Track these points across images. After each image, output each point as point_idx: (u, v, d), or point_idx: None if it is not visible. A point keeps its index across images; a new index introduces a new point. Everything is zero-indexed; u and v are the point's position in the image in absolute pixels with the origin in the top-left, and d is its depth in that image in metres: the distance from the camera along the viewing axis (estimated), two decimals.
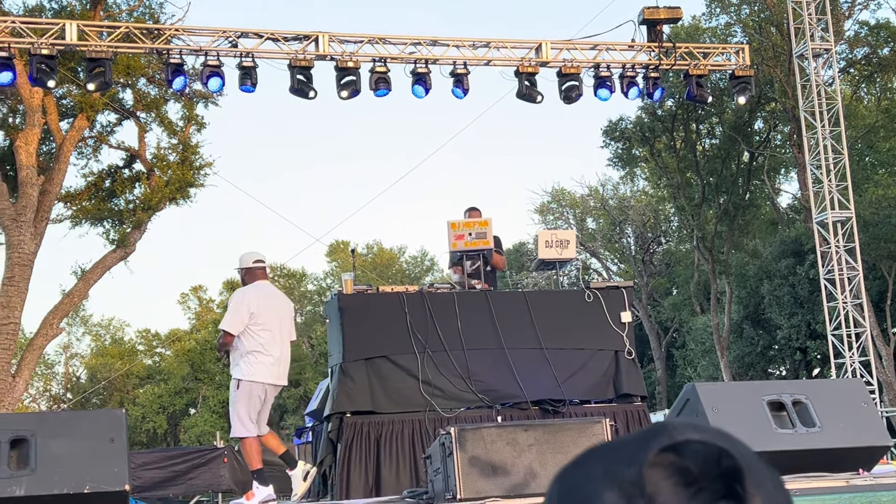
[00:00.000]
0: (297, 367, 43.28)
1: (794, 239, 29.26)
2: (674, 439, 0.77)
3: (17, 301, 18.54)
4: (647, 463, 0.76)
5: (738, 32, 29.89)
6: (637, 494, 0.75)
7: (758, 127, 32.87)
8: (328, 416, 9.04)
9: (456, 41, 12.84)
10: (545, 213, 43.30)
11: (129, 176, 22.01)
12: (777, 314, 29.28)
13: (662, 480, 0.76)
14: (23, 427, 4.33)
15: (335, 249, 50.10)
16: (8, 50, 11.35)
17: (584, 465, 0.81)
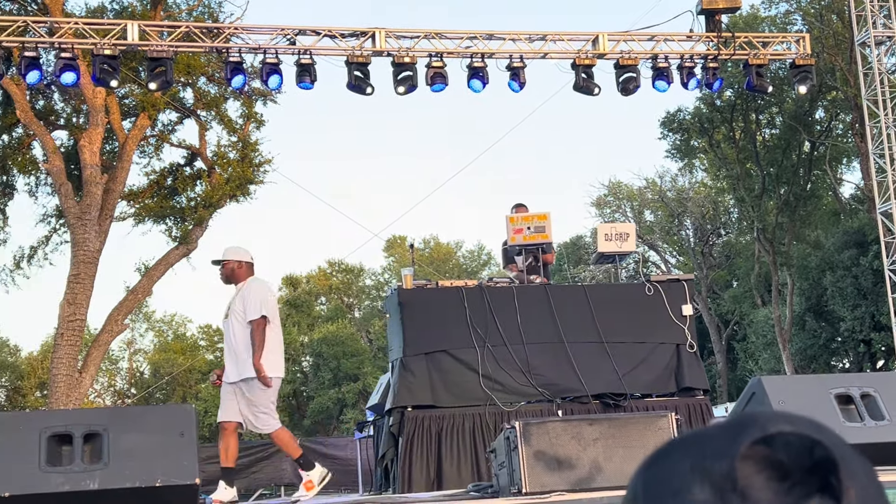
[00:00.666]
0: (356, 362, 43.54)
1: (857, 229, 28.78)
2: (766, 431, 0.75)
3: (82, 298, 18.86)
4: (739, 456, 0.74)
5: (798, 21, 29.45)
6: (729, 489, 0.73)
7: (819, 116, 32.35)
8: (389, 411, 9.10)
9: (512, 35, 12.81)
10: (602, 206, 43.06)
11: (190, 174, 22.30)
12: (840, 306, 28.83)
13: (755, 474, 0.73)
14: (95, 422, 4.43)
15: (392, 244, 50.28)
16: (71, 51, 11.54)
17: (671, 458, 0.79)
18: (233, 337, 7.72)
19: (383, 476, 9.38)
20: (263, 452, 17.74)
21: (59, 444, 4.36)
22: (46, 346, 44.99)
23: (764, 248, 32.56)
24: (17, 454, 4.28)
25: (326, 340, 44.40)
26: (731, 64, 18.83)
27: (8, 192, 22.48)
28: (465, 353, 9.15)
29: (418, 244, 52.61)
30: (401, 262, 47.59)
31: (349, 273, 52.88)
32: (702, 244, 41.25)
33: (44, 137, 19.78)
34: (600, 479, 4.95)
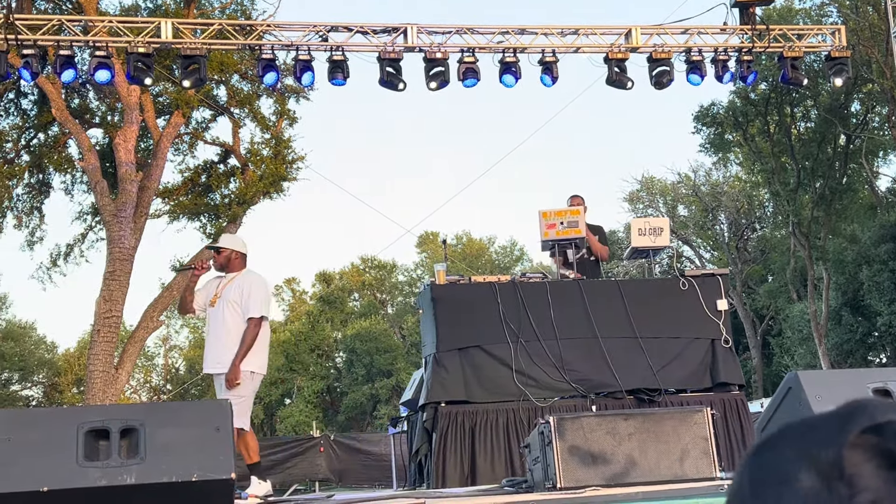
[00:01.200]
0: (389, 358, 43.65)
1: (894, 223, 28.47)
2: (875, 420, 0.74)
3: (118, 295, 19.03)
4: (847, 444, 0.73)
5: (833, 13, 29.15)
6: (836, 476, 0.72)
7: (855, 109, 32.00)
8: (423, 406, 9.11)
9: (544, 29, 12.78)
10: (635, 201, 42.86)
11: (224, 171, 22.44)
12: (877, 300, 28.54)
13: (864, 462, 0.72)
14: (132, 417, 4.46)
15: (425, 240, 50.33)
16: (106, 49, 11.63)
17: (778, 446, 0.78)
18: (222, 325, 7.56)
19: (417, 471, 9.39)
20: (298, 448, 17.82)
21: (97, 439, 4.39)
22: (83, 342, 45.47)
23: (799, 243, 32.28)
24: (55, 449, 4.32)
25: (360, 336, 44.55)
26: (765, 57, 18.68)
27: (44, 190, 22.73)
28: (498, 349, 9.15)
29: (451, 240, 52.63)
30: (433, 258, 47.63)
31: (382, 269, 53.01)
32: (736, 239, 40.96)
33: (79, 136, 19.96)
34: (635, 475, 4.93)
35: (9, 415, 4.44)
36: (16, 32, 11.12)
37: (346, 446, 18.06)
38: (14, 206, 22.38)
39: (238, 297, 7.59)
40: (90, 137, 20.73)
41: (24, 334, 47.06)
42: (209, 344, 7.73)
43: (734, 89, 30.28)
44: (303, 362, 45.97)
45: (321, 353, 47.36)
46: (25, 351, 46.28)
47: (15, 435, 4.32)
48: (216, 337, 7.62)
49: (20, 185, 22.32)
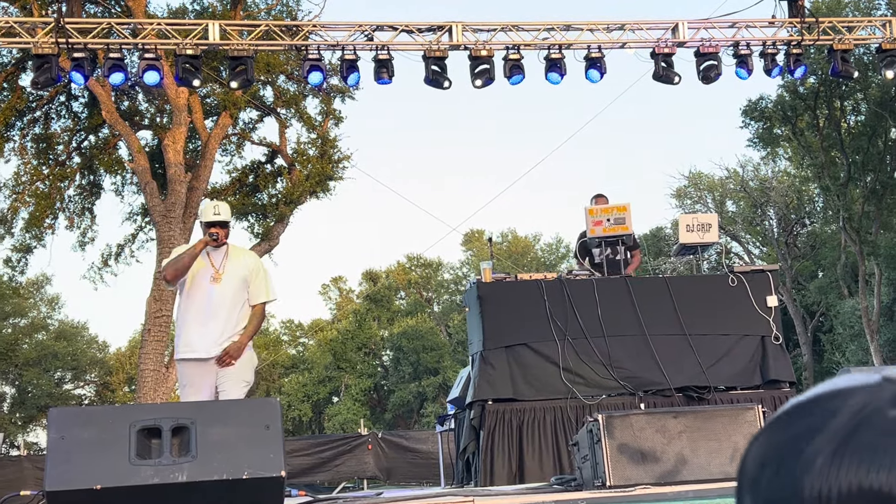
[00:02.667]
0: (436, 356, 43.71)
1: None
2: None
3: (168, 294, 19.22)
4: None
5: (883, 5, 28.71)
6: None
7: None
8: (470, 404, 9.11)
9: (590, 25, 12.71)
10: (683, 197, 42.53)
11: (271, 171, 22.61)
12: None
13: None
14: (183, 415, 4.51)
15: (470, 238, 50.33)
16: (154, 51, 11.76)
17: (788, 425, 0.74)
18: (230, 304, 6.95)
19: (465, 469, 9.40)
20: (346, 446, 17.91)
21: (149, 437, 4.45)
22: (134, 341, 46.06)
23: (850, 238, 31.86)
24: (108, 447, 4.38)
25: (406, 335, 44.68)
26: (814, 50, 18.45)
27: (95, 191, 23.04)
28: (545, 347, 9.12)
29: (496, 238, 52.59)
30: (479, 256, 47.61)
31: (428, 267, 53.09)
32: (786, 234, 40.50)
33: (129, 137, 20.20)
34: (686, 473, 4.89)
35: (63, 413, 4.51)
36: (66, 36, 11.28)
37: (393, 444, 18.12)
38: (66, 208, 22.72)
39: (242, 276, 7.04)
40: (140, 139, 20.98)
41: (76, 334, 47.72)
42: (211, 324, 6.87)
43: (783, 83, 29.96)
44: (350, 360, 46.18)
45: (368, 352, 47.56)
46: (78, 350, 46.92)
47: (69, 433, 4.38)
48: (212, 315, 6.90)
49: (72, 187, 22.65)
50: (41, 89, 14.66)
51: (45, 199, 21.81)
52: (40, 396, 43.27)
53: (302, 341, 53.10)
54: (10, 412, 44.38)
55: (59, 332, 46.29)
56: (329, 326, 49.91)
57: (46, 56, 11.31)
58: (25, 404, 43.48)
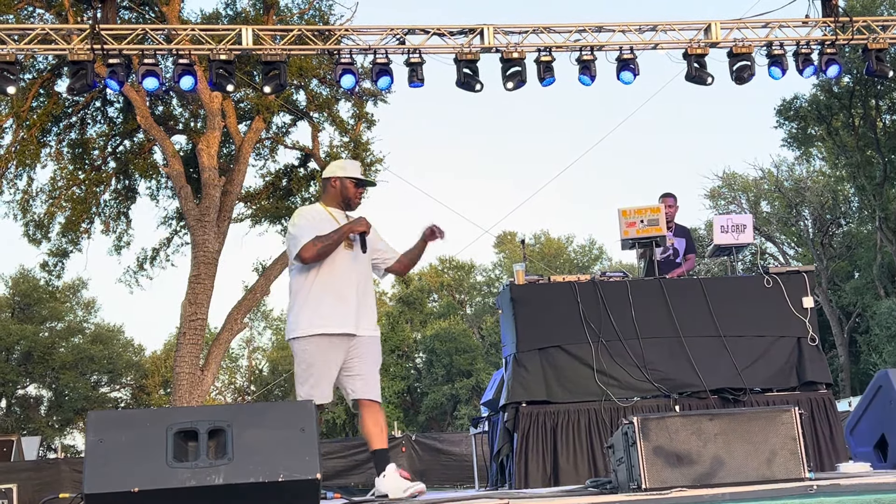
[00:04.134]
0: (469, 358, 43.71)
1: None
2: None
3: (203, 298, 19.38)
4: None
5: None
6: None
7: None
8: (504, 406, 9.10)
9: (622, 26, 12.68)
10: (717, 197, 42.30)
11: (304, 175, 22.73)
12: None
13: None
14: (219, 418, 4.54)
15: (503, 240, 50.32)
16: (189, 57, 11.84)
17: None
18: (370, 279, 6.47)
19: (499, 472, 9.39)
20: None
21: (185, 439, 4.48)
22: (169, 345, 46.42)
23: (887, 238, 31.54)
24: (145, 450, 4.42)
25: (439, 337, 44.71)
26: (848, 49, 18.29)
27: (131, 195, 23.25)
28: (578, 349, 9.09)
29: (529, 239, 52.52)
30: (511, 258, 47.59)
31: (460, 269, 53.13)
32: (821, 235, 40.17)
33: (163, 142, 20.37)
34: (722, 475, 4.86)
35: (100, 416, 4.55)
36: (101, 42, 11.39)
37: (427, 446, 18.13)
38: (102, 212, 22.94)
39: (381, 248, 6.63)
40: (174, 143, 21.15)
41: (112, 337, 48.17)
42: (361, 301, 6.34)
43: (817, 83, 29.76)
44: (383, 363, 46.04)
45: (401, 354, 47.65)
46: (114, 353, 47.36)
47: (106, 436, 4.42)
48: (365, 293, 6.39)
49: (107, 192, 22.88)
50: (77, 95, 14.81)
51: (80, 203, 22.03)
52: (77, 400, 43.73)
53: None
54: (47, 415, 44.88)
55: (95, 336, 46.75)
56: None
57: (82, 62, 11.42)
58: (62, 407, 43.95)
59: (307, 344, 6.13)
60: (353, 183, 6.45)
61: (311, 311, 6.15)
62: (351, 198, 6.43)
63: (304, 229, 6.18)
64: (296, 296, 6.26)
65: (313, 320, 6.13)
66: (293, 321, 6.22)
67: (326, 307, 6.14)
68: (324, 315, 6.13)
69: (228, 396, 51.83)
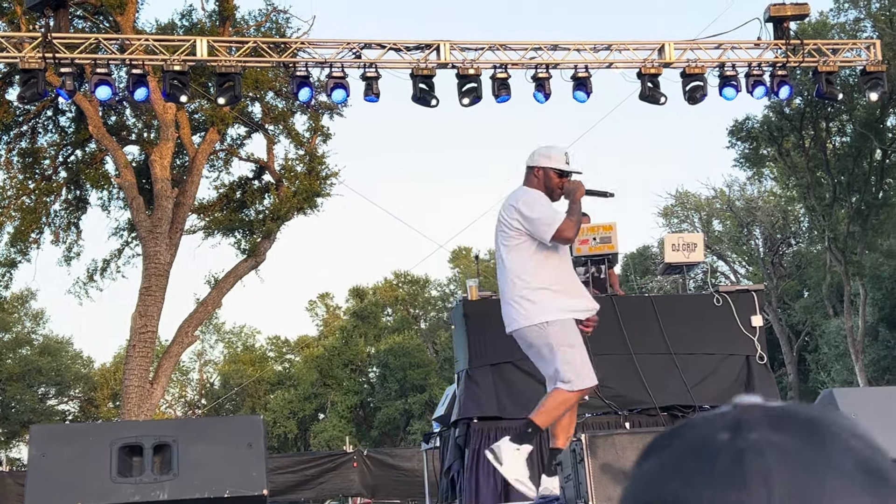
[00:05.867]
0: (422, 373, 43.66)
1: None
2: None
3: (153, 310, 19.19)
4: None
5: (868, 27, 28.95)
6: None
7: (891, 123, 31.72)
8: (455, 422, 9.10)
9: (577, 45, 12.77)
10: (669, 216, 42.68)
11: (258, 187, 22.61)
12: None
13: None
14: (164, 433, 4.50)
15: (458, 255, 50.36)
16: (142, 67, 11.75)
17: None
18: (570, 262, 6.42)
19: (449, 487, 9.38)
20: (331, 463, 17.84)
21: (130, 454, 4.44)
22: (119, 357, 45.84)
23: (835, 258, 32.00)
24: (89, 465, 4.37)
25: (393, 351, 44.61)
26: (800, 71, 18.57)
27: (81, 206, 22.98)
28: (530, 365, 9.06)
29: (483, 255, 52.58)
30: (466, 274, 47.62)
31: (415, 284, 53.07)
32: (771, 254, 40.67)
33: (116, 152, 20.17)
34: None
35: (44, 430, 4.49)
36: (53, 51, 11.27)
37: (378, 461, 18.05)
38: (52, 222, 22.64)
39: None
40: (126, 154, 20.95)
41: (60, 349, 47.51)
42: (574, 276, 6.39)
43: (769, 104, 30.13)
44: (336, 377, 46.08)
45: (354, 368, 47.47)
46: (62, 366, 46.71)
47: (49, 450, 4.36)
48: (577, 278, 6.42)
49: (58, 202, 22.59)
50: (28, 104, 14.65)
51: (30, 213, 21.74)
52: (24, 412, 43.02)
53: (288, 358, 52.97)
54: None
55: (43, 347, 46.08)
56: (315, 343, 49.80)
57: (33, 71, 11.29)
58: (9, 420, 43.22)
59: (568, 325, 6.09)
60: (556, 173, 6.28)
61: (557, 294, 6.07)
62: (553, 188, 6.24)
63: (549, 208, 6.08)
64: (531, 278, 6.10)
65: (566, 303, 6.08)
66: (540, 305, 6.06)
67: (576, 288, 6.18)
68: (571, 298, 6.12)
69: (178, 410, 51.30)
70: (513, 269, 6.11)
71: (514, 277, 6.09)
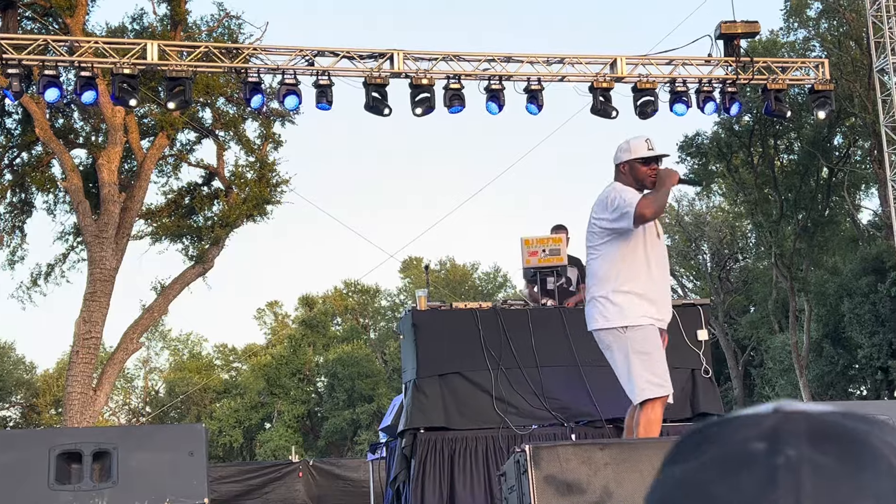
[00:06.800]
0: (371, 383, 43.50)
1: (875, 256, 28.62)
2: None
3: (98, 316, 18.93)
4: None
5: (817, 47, 29.44)
6: None
7: (837, 142, 32.29)
8: (402, 432, 9.06)
9: (530, 57, 12.83)
10: None
11: (207, 193, 22.41)
12: (858, 333, 28.65)
13: None
14: (105, 440, 4.42)
15: (408, 266, 50.30)
16: (91, 70, 11.62)
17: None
18: (666, 267, 6.15)
19: (395, 498, 9.32)
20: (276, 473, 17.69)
21: (69, 462, 4.35)
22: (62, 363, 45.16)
23: (782, 274, 32.42)
24: (27, 472, 4.28)
25: (341, 361, 44.41)
26: (749, 89, 18.81)
27: (26, 209, 22.63)
28: (478, 376, 9.10)
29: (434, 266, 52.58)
30: (416, 284, 47.61)
31: (365, 294, 52.93)
32: (719, 269, 41.11)
33: (63, 156, 19.90)
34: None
35: None
36: (0, 51, 11.10)
37: (324, 472, 17.92)
38: None
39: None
40: (74, 157, 20.69)
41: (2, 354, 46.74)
42: (667, 287, 6.21)
43: (718, 120, 30.51)
44: (283, 386, 45.77)
45: (302, 378, 47.19)
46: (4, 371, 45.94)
47: None
48: (667, 281, 6.23)
49: (2, 204, 22.24)
50: None
51: None
52: None
53: (235, 366, 52.55)
54: None
55: None
56: (263, 351, 49.44)
57: None
58: None
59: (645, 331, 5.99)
60: (640, 163, 6.10)
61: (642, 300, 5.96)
62: (643, 178, 6.05)
63: (627, 195, 5.91)
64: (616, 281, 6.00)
65: (649, 310, 5.97)
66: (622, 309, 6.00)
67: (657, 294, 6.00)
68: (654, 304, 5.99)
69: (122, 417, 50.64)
70: (599, 270, 6.05)
71: (600, 278, 6.03)
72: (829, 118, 18.05)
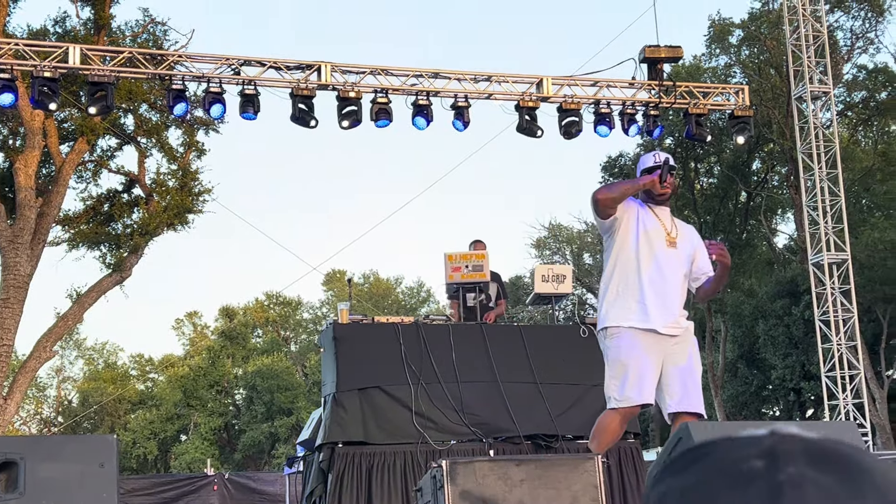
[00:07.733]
0: (290, 396, 43.12)
1: (790, 279, 29.27)
2: None
3: (10, 323, 18.49)
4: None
5: (738, 73, 30.09)
6: None
7: (756, 167, 33.00)
8: (320, 446, 9.00)
9: (457, 74, 12.89)
10: (542, 247, 43.33)
11: (127, 201, 22.06)
12: (772, 354, 29.24)
13: None
14: (12, 450, 4.30)
15: (331, 279, 50.08)
16: (10, 72, 11.38)
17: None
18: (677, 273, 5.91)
19: None
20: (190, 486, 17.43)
21: None
22: None
23: None
24: None
25: (261, 373, 43.95)
26: (671, 112, 19.13)
27: None
28: (398, 390, 9.09)
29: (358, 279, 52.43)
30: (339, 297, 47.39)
31: (287, 306, 52.53)
32: None
33: None
34: None
35: None
36: None
37: (240, 485, 17.70)
38: None
39: (690, 251, 5.98)
40: None
41: None
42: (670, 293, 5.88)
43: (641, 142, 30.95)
44: (201, 398, 45.13)
45: (220, 390, 46.59)
46: None
47: None
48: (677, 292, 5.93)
49: None
50: None
51: None
52: None
53: (151, 377, 51.69)
54: None
55: None
56: (181, 362, 48.72)
57: None
58: None
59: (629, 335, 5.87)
60: (645, 173, 5.99)
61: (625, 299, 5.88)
62: (650, 189, 5.88)
63: None
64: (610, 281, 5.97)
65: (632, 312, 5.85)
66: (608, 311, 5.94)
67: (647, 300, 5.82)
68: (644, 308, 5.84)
69: (34, 427, 49.45)
70: (603, 273, 6.08)
71: (602, 281, 6.07)
72: (747, 143, 18.44)
